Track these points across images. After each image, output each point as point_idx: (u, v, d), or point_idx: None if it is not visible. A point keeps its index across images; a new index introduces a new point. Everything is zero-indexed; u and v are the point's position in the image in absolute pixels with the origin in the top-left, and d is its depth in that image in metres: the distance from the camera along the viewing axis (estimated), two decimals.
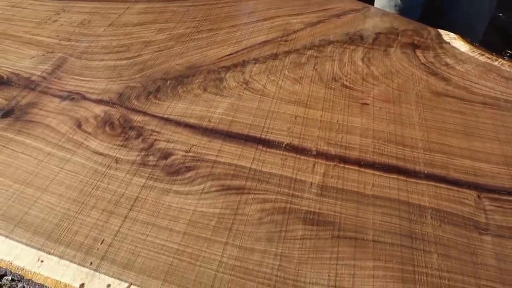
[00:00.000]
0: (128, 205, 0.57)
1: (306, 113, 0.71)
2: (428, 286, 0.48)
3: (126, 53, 0.85)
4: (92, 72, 0.80)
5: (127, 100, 0.73)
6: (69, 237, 0.53)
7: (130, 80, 0.78)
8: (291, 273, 0.49)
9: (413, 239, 0.52)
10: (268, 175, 0.60)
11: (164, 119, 0.70)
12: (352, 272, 0.49)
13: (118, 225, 0.54)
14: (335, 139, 0.66)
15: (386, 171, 0.61)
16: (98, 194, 0.58)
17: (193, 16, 0.97)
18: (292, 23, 0.95)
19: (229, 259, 0.51)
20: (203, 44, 0.88)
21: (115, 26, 0.93)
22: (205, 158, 0.63)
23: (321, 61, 0.83)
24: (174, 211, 0.56)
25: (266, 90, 0.75)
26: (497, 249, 0.51)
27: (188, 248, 0.52)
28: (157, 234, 0.53)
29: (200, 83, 0.77)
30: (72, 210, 0.56)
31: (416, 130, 0.67)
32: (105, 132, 0.67)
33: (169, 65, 0.82)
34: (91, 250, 0.52)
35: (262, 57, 0.84)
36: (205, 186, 0.59)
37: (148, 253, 0.51)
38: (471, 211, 0.56)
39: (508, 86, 0.76)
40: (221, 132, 0.67)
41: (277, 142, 0.65)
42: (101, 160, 0.63)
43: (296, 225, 0.54)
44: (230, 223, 0.54)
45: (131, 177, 0.60)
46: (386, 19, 0.95)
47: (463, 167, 0.61)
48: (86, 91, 0.75)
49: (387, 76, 0.79)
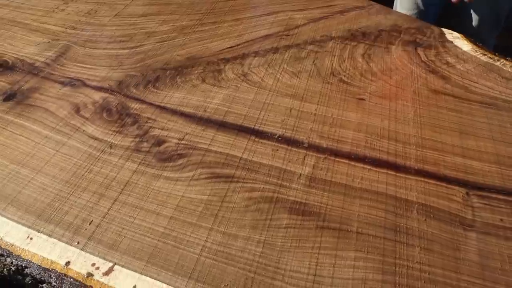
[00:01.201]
0: (118, 189, 0.58)
1: (302, 106, 0.71)
2: (407, 278, 0.48)
3: (128, 42, 0.86)
4: (95, 60, 0.81)
5: (126, 88, 0.75)
6: (59, 217, 0.55)
7: (130, 69, 0.79)
8: (272, 260, 0.50)
9: (397, 233, 0.52)
10: (258, 165, 0.61)
11: (160, 107, 0.71)
12: (333, 261, 0.50)
13: (107, 207, 0.56)
14: (328, 133, 0.66)
15: (376, 165, 0.61)
16: (90, 177, 0.59)
17: (198, 9, 0.98)
18: (295, 18, 0.95)
19: (212, 244, 0.52)
20: (205, 36, 0.89)
21: (120, 17, 0.95)
22: (197, 147, 0.64)
23: (321, 56, 0.83)
24: (162, 196, 0.57)
25: (263, 82, 0.76)
26: (481, 245, 0.51)
27: (173, 232, 0.53)
28: (144, 218, 0.54)
29: (199, 74, 0.78)
30: (64, 191, 0.58)
31: (410, 127, 0.67)
32: (102, 118, 0.69)
33: (170, 55, 0.83)
34: (79, 230, 0.53)
35: (262, 51, 0.84)
36: (195, 173, 0.60)
37: (134, 235, 0.53)
38: (459, 207, 0.55)
39: (508, 86, 0.75)
40: (215, 122, 0.68)
41: (270, 133, 0.66)
42: (96, 144, 0.64)
43: (281, 214, 0.55)
44: (216, 210, 0.55)
45: (123, 162, 0.62)
46: (390, 16, 0.95)
47: (454, 164, 0.61)
48: (87, 78, 0.77)
49: (386, 73, 0.78)
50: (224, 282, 0.48)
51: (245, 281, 0.48)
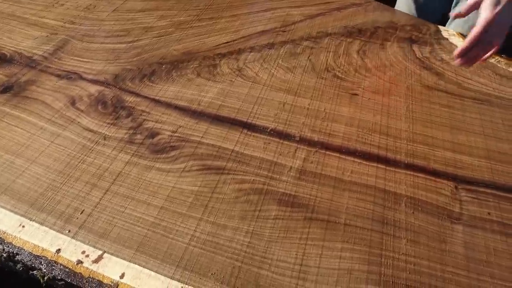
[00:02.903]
0: (111, 179, 0.59)
1: (295, 101, 0.71)
2: (393, 269, 0.48)
3: (126, 37, 0.87)
4: (92, 54, 0.82)
5: (122, 81, 0.75)
6: (51, 206, 0.55)
7: (127, 63, 0.80)
8: (260, 250, 0.50)
9: (384, 225, 0.53)
10: (250, 157, 0.62)
11: (155, 100, 0.71)
12: (319, 252, 0.50)
13: (99, 197, 0.56)
14: (320, 127, 0.66)
15: (366, 159, 0.61)
16: (83, 168, 0.60)
17: (196, 5, 0.99)
18: (292, 14, 0.96)
19: (201, 234, 0.52)
20: (202, 31, 0.89)
21: (119, 12, 0.96)
22: (190, 139, 0.64)
23: (316, 52, 0.83)
24: (154, 187, 0.58)
25: (258, 77, 0.76)
26: (467, 238, 0.51)
27: (163, 221, 0.54)
28: (135, 207, 0.55)
29: (194, 68, 0.79)
30: (57, 181, 0.59)
31: (402, 122, 0.68)
32: (97, 110, 0.69)
33: (167, 50, 0.83)
34: (70, 219, 0.54)
35: (258, 46, 0.85)
36: (186, 165, 0.60)
37: (124, 224, 0.53)
38: (447, 201, 0.56)
39: (502, 83, 0.76)
40: (208, 115, 0.68)
41: (262, 127, 0.66)
42: (91, 136, 0.65)
43: (270, 206, 0.55)
44: (206, 201, 0.56)
45: (117, 153, 0.62)
46: (386, 14, 0.95)
47: (444, 158, 0.61)
48: (83, 71, 0.77)
49: (380, 69, 0.79)
50: (211, 271, 0.49)
51: (232, 270, 0.49)
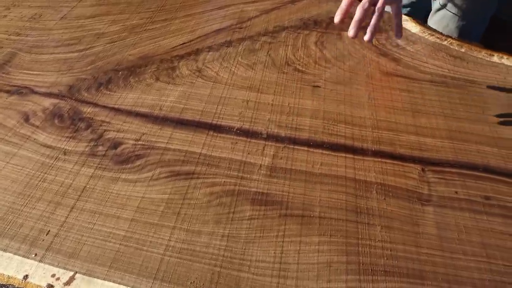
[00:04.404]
0: (75, 196, 0.56)
1: (258, 98, 0.71)
2: (371, 257, 0.49)
3: (77, 45, 0.83)
4: (42, 65, 0.78)
5: (77, 92, 0.72)
6: (13, 230, 0.52)
7: (81, 72, 0.77)
8: (238, 252, 0.50)
9: (358, 214, 0.53)
10: (218, 159, 0.61)
11: (114, 109, 0.69)
12: (297, 248, 0.50)
13: (65, 215, 0.54)
14: (286, 122, 0.66)
15: (334, 150, 0.62)
16: (44, 186, 0.57)
17: (148, 7, 0.96)
18: (247, 10, 0.95)
19: (176, 242, 0.51)
20: (156, 34, 0.87)
21: (67, 19, 0.92)
22: (155, 146, 0.63)
23: (274, 46, 0.83)
24: (122, 199, 0.56)
25: (218, 77, 0.75)
26: (438, 218, 0.53)
27: (135, 234, 0.52)
28: (104, 222, 0.53)
29: (152, 72, 0.76)
30: (17, 203, 0.55)
31: (365, 110, 0.68)
32: (53, 124, 0.66)
33: (122, 56, 0.81)
34: (36, 242, 0.51)
35: (216, 45, 0.84)
36: (154, 173, 0.59)
37: (94, 241, 0.51)
38: (415, 184, 0.57)
39: (456, 64, 0.78)
40: (172, 120, 0.67)
41: (228, 127, 0.66)
42: (49, 152, 0.62)
43: (244, 206, 0.54)
44: (178, 208, 0.54)
45: (79, 167, 0.60)
46: (340, 4, 0.96)
47: (409, 142, 0.63)
48: (35, 84, 0.74)
49: (339, 59, 0.79)
50: (190, 280, 0.47)
51: (212, 276, 0.48)
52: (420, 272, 0.47)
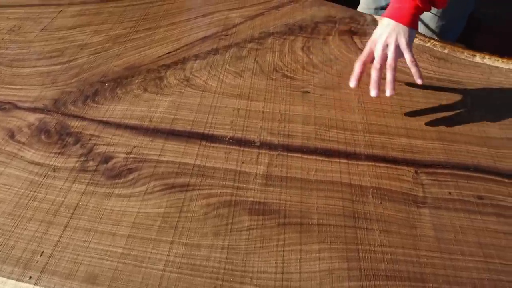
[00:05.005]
0: (68, 214, 0.55)
1: (249, 106, 0.71)
2: (371, 262, 0.49)
3: (60, 57, 0.82)
4: (24, 79, 0.76)
5: (63, 106, 0.71)
6: (5, 253, 0.51)
7: (65, 85, 0.75)
8: (239, 264, 0.49)
9: (356, 219, 0.54)
10: (213, 169, 0.60)
11: (103, 122, 0.68)
12: (298, 256, 0.50)
13: (58, 235, 0.52)
14: (278, 129, 0.66)
15: (328, 155, 0.62)
16: (35, 205, 0.56)
17: (130, 16, 0.95)
18: (231, 17, 0.95)
19: (175, 257, 0.50)
20: (141, 43, 0.86)
21: (48, 31, 0.90)
22: (147, 159, 0.62)
23: (261, 53, 0.83)
24: (117, 215, 0.54)
25: (207, 85, 0.75)
26: (435, 220, 0.53)
27: (133, 251, 0.51)
28: (99, 240, 0.52)
29: (139, 83, 0.75)
30: (7, 224, 0.54)
31: (355, 114, 0.69)
32: (40, 140, 0.64)
33: (107, 67, 0.79)
34: (30, 264, 0.50)
35: (202, 53, 0.83)
36: (148, 187, 0.58)
37: (91, 260, 0.50)
38: (410, 186, 0.58)
39: (440, 65, 0.79)
40: (163, 131, 0.66)
41: (221, 136, 0.65)
42: (38, 170, 0.60)
43: (242, 217, 0.54)
44: (175, 222, 0.54)
45: (70, 184, 0.58)
46: (324, 8, 0.97)
47: (400, 145, 0.63)
48: (18, 99, 0.72)
49: (327, 64, 0.80)
50: None
51: None
52: (421, 275, 0.48)
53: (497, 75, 0.76)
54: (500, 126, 0.66)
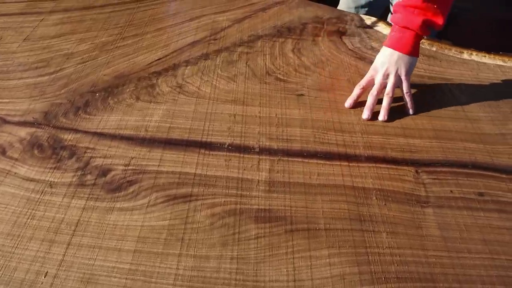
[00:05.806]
0: (69, 231, 0.53)
1: (245, 111, 0.70)
2: (381, 265, 0.50)
3: (46, 68, 0.79)
4: (11, 92, 0.74)
5: (54, 118, 0.69)
6: (7, 276, 0.49)
7: (55, 96, 0.73)
8: (250, 274, 0.49)
9: (362, 222, 0.54)
10: (214, 178, 0.59)
11: (97, 134, 0.66)
12: (309, 263, 0.50)
13: (62, 253, 0.51)
14: (276, 133, 0.66)
15: (329, 158, 0.62)
16: (34, 224, 0.54)
17: (115, 23, 0.93)
18: (218, 21, 0.94)
19: (185, 270, 0.49)
20: (129, 51, 0.84)
21: (30, 41, 0.87)
22: (146, 170, 0.60)
23: (252, 56, 0.83)
24: (120, 230, 0.53)
25: (201, 92, 0.74)
26: (439, 219, 0.54)
27: (140, 266, 0.50)
28: (105, 257, 0.51)
29: (131, 92, 0.74)
30: (7, 245, 0.52)
31: (352, 115, 0.69)
32: (34, 156, 0.62)
33: (96, 76, 0.77)
34: (34, 285, 0.48)
35: (193, 59, 0.82)
36: (150, 199, 0.57)
37: (98, 278, 0.49)
38: (412, 186, 0.58)
39: (430, 63, 0.81)
40: (160, 141, 0.65)
41: (219, 143, 0.64)
42: (34, 186, 0.58)
43: (248, 225, 0.54)
44: (181, 233, 0.53)
45: (69, 200, 0.57)
46: (310, 8, 0.97)
47: (399, 145, 0.64)
48: (6, 114, 0.69)
49: (318, 65, 0.80)
50: None
51: None
52: (431, 275, 0.48)
53: (486, 71, 0.78)
54: (494, 122, 0.68)
